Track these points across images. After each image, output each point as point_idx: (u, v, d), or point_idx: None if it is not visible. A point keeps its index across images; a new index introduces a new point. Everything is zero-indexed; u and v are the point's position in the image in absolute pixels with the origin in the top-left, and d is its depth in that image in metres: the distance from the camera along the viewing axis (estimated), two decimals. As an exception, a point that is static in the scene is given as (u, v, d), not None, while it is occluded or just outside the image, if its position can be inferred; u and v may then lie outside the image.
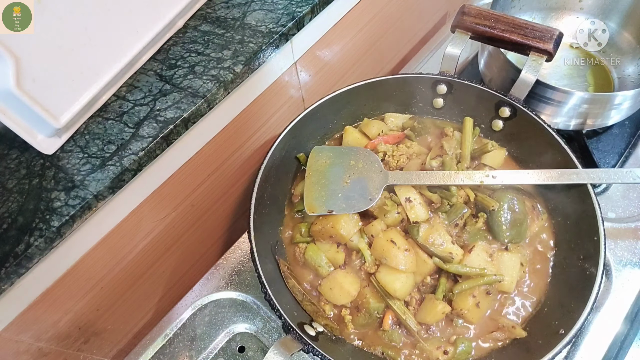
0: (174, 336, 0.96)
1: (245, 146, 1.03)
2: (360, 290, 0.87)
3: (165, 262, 1.01)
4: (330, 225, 0.88)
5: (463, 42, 0.96)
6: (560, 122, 1.04)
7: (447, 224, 0.88)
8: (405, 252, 0.84)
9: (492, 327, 0.85)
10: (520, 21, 0.92)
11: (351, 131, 1.04)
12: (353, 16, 1.07)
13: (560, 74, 1.18)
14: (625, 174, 0.83)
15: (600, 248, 0.79)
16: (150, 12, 0.81)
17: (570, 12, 1.26)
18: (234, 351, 0.96)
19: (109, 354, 1.01)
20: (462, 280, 0.83)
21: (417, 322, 0.84)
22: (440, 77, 0.99)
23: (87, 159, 0.76)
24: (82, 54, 0.74)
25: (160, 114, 0.80)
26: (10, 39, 0.65)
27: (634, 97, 0.97)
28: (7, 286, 0.67)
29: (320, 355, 0.74)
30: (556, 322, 0.79)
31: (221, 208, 1.09)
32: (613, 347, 0.88)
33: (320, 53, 1.06)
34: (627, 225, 0.99)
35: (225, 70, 0.84)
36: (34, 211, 0.71)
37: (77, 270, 0.80)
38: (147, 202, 0.86)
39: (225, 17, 0.92)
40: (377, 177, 0.91)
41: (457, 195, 0.89)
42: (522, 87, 0.92)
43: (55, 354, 0.87)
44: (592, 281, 0.77)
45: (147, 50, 0.85)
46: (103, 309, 0.91)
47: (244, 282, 0.99)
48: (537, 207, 0.94)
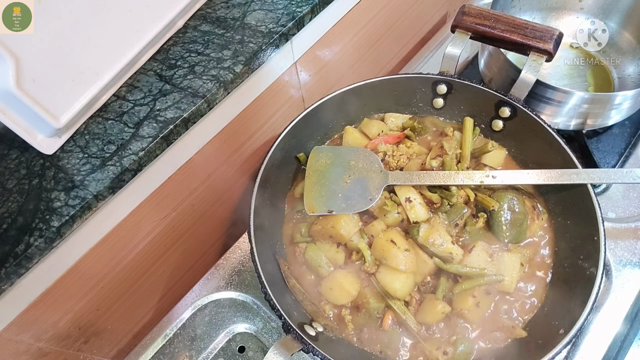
0: (174, 336, 0.96)
1: (245, 146, 1.03)
2: (360, 290, 0.87)
3: (165, 262, 1.01)
4: (330, 226, 0.88)
5: (463, 42, 0.96)
6: (560, 122, 1.04)
7: (447, 224, 0.88)
8: (405, 252, 0.84)
9: (492, 327, 0.85)
10: (520, 21, 0.92)
11: (351, 131, 1.04)
12: (353, 16, 1.07)
13: (560, 74, 1.18)
14: (625, 174, 0.83)
15: (600, 248, 0.79)
16: (150, 12, 0.81)
17: (570, 12, 1.26)
18: (234, 351, 0.96)
19: (109, 354, 1.01)
20: (462, 280, 0.83)
21: (417, 322, 0.84)
22: (440, 77, 0.99)
23: (87, 159, 0.76)
24: (82, 54, 0.74)
25: (160, 114, 0.80)
26: (10, 39, 0.65)
27: (634, 97, 0.97)
28: (7, 286, 0.67)
29: (320, 355, 0.74)
30: (556, 322, 0.79)
31: (221, 208, 1.09)
32: (613, 347, 0.88)
33: (320, 53, 1.06)
34: (627, 225, 1.00)
35: (225, 70, 0.84)
36: (34, 211, 0.71)
37: (77, 270, 0.80)
38: (147, 202, 0.86)
39: (225, 17, 0.92)
40: (377, 177, 0.91)
41: (457, 195, 0.89)
42: (522, 87, 0.92)
43: (55, 354, 0.87)
44: (592, 281, 0.77)
45: (147, 50, 0.85)
46: (103, 309, 0.91)
47: (244, 282, 0.99)
48: (537, 207, 0.94)
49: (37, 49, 0.68)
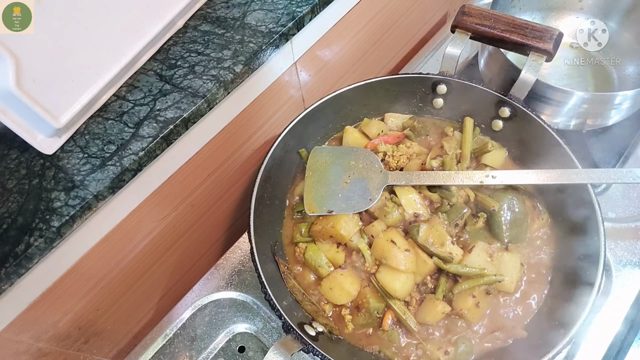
0: (174, 336, 0.96)
1: (245, 146, 1.03)
2: (360, 290, 0.87)
3: (165, 262, 1.01)
4: (331, 226, 0.88)
5: (463, 42, 0.96)
6: (560, 122, 1.04)
7: (447, 224, 0.88)
8: (405, 252, 0.84)
9: (492, 327, 0.85)
10: (520, 21, 0.92)
11: (351, 131, 1.04)
12: (353, 16, 1.07)
13: (560, 74, 1.18)
14: (625, 174, 0.83)
15: (600, 248, 0.79)
16: (150, 12, 0.81)
17: (570, 12, 1.26)
18: (234, 351, 0.96)
19: (109, 354, 1.01)
20: (462, 280, 0.83)
21: (417, 322, 0.84)
22: (440, 77, 0.99)
23: (87, 159, 0.76)
24: (82, 54, 0.74)
25: (160, 114, 0.80)
26: (10, 39, 0.65)
27: (634, 97, 0.97)
28: (7, 286, 0.67)
29: (320, 355, 0.74)
30: (556, 322, 0.79)
31: (221, 208, 1.09)
32: (613, 347, 0.88)
33: (320, 53, 1.06)
34: (627, 225, 0.99)
35: (225, 70, 0.84)
36: (34, 211, 0.71)
37: (77, 270, 0.80)
38: (147, 202, 0.86)
39: (225, 17, 0.92)
40: (377, 177, 0.91)
41: (457, 195, 0.89)
42: (522, 87, 0.92)
43: (55, 354, 0.87)
44: (592, 281, 0.77)
45: (147, 50, 0.85)
46: (103, 309, 0.91)
47: (244, 282, 0.99)
48: (538, 207, 0.94)
49: (37, 49, 0.68)
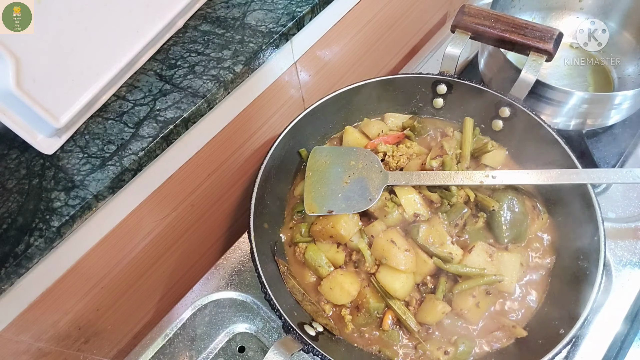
0: (174, 336, 0.96)
1: (245, 146, 1.03)
2: (360, 290, 0.87)
3: (165, 262, 1.01)
4: (331, 226, 0.88)
5: (463, 42, 0.96)
6: (560, 122, 1.04)
7: (447, 224, 0.88)
8: (405, 252, 0.84)
9: (492, 327, 0.85)
10: (520, 21, 0.92)
11: (351, 131, 1.04)
12: (353, 16, 1.07)
13: (560, 74, 1.18)
14: (625, 174, 0.83)
15: (600, 248, 0.79)
16: (150, 12, 0.81)
17: (570, 12, 1.26)
18: (234, 351, 0.96)
19: (109, 354, 1.01)
20: (462, 280, 0.83)
21: (417, 322, 0.84)
22: (440, 77, 0.99)
23: (87, 159, 0.76)
24: (82, 54, 0.74)
25: (160, 114, 0.80)
26: (10, 39, 0.65)
27: (634, 97, 0.97)
28: (7, 286, 0.67)
29: (320, 355, 0.74)
30: (556, 322, 0.79)
31: (221, 208, 1.09)
32: (613, 347, 0.88)
33: (320, 53, 1.06)
34: (627, 225, 0.99)
35: (225, 70, 0.84)
36: (33, 211, 0.71)
37: (77, 270, 0.80)
38: (147, 202, 0.86)
39: (225, 17, 0.92)
40: (377, 177, 0.91)
41: (457, 195, 0.89)
42: (522, 87, 0.92)
43: (55, 354, 0.87)
44: (592, 281, 0.77)
45: (147, 50, 0.85)
46: (103, 309, 0.91)
47: (244, 282, 0.99)
48: (537, 207, 0.94)
49: (37, 49, 0.68)
